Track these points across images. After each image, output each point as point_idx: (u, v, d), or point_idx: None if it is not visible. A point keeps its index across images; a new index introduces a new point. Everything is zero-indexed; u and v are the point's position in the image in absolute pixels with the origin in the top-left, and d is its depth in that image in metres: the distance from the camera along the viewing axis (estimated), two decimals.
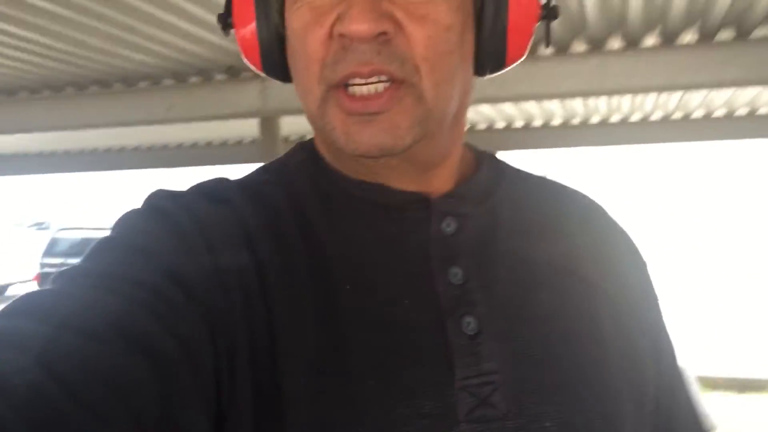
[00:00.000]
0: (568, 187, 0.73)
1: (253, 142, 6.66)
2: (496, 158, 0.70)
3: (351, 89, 0.55)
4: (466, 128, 0.67)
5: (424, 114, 0.56)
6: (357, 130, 0.55)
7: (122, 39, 3.29)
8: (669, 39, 3.31)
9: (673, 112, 5.68)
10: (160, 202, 0.58)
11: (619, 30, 3.25)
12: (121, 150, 7.33)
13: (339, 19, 0.54)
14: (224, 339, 0.51)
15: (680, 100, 5.18)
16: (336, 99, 0.55)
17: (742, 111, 5.62)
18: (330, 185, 0.62)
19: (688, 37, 3.29)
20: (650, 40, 3.34)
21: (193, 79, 4.12)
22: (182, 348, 0.47)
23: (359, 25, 0.52)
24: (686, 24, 3.14)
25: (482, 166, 0.67)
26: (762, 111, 5.57)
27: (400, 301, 0.57)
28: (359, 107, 0.54)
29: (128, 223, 0.56)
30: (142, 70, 3.96)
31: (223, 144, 6.93)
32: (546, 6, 0.62)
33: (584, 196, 0.73)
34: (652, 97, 4.97)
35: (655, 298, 0.70)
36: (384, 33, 0.53)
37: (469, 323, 0.57)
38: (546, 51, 3.51)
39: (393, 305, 0.57)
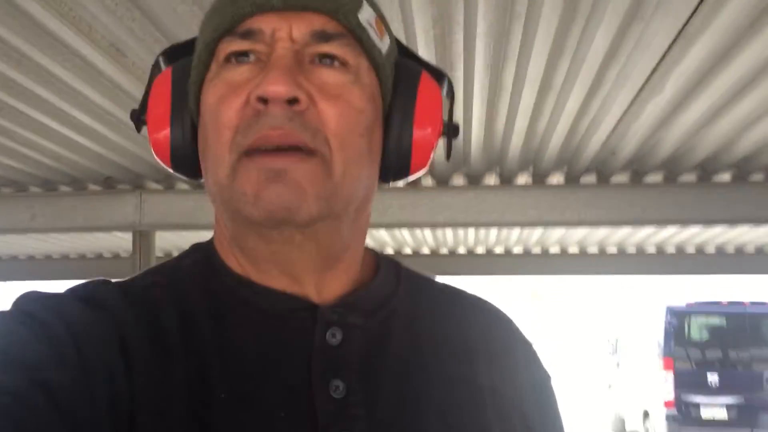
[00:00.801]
0: (469, 295, 0.73)
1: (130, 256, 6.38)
2: (396, 264, 0.70)
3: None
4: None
5: (332, 190, 0.56)
6: (264, 188, 0.54)
7: None
8: (540, 179, 3.58)
9: (533, 247, 6.07)
10: (29, 305, 0.56)
11: (496, 167, 3.48)
12: None
13: (256, 85, 0.56)
14: None
15: (541, 236, 5.55)
16: (246, 162, 0.55)
17: (592, 249, 6.10)
18: (220, 286, 0.61)
19: (556, 178, 3.58)
20: (522, 179, 3.60)
21: (64, 188, 3.93)
22: None
23: (275, 86, 0.54)
24: (555, 167, 3.42)
25: (380, 271, 0.66)
26: (611, 250, 6.07)
27: (276, 413, 0.55)
28: (268, 161, 0.55)
29: None
30: (6, 176, 3.73)
31: (98, 257, 6.56)
32: (448, 124, 0.66)
33: (486, 303, 0.72)
34: (516, 231, 5.30)
35: (556, 416, 0.70)
36: (297, 101, 0.55)
37: None
38: (428, 182, 3.69)
39: (268, 418, 0.55)
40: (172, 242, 6.18)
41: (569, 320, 18.10)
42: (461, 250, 6.21)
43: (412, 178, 0.66)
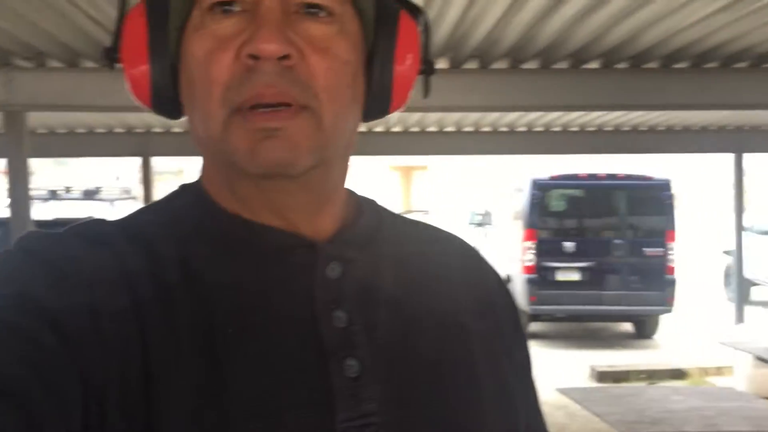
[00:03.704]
0: (444, 231, 0.76)
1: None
2: (375, 203, 0.72)
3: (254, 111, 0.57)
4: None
5: (323, 141, 0.58)
6: (259, 146, 0.56)
7: None
8: None
9: (411, 126, 6.25)
10: (32, 244, 0.58)
11: None
12: None
13: (246, 41, 0.56)
14: (96, 384, 0.51)
15: (421, 117, 5.72)
16: (240, 119, 0.56)
17: (468, 128, 6.37)
18: (216, 226, 0.63)
19: (440, 64, 3.70)
20: None
21: None
22: (52, 396, 0.48)
23: (268, 44, 0.55)
24: (440, 54, 3.53)
25: (363, 211, 0.69)
26: (485, 129, 6.36)
27: (284, 344, 0.58)
28: (263, 120, 0.56)
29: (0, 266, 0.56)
30: None
31: None
32: (425, 61, 0.67)
33: (459, 239, 0.76)
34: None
35: (523, 338, 0.74)
36: (288, 57, 0.56)
37: (352, 365, 0.59)
38: None
39: (276, 348, 0.58)
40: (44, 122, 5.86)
41: (442, 195, 18.87)
42: None
43: (389, 115, 0.67)
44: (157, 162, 7.05)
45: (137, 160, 6.97)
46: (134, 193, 9.16)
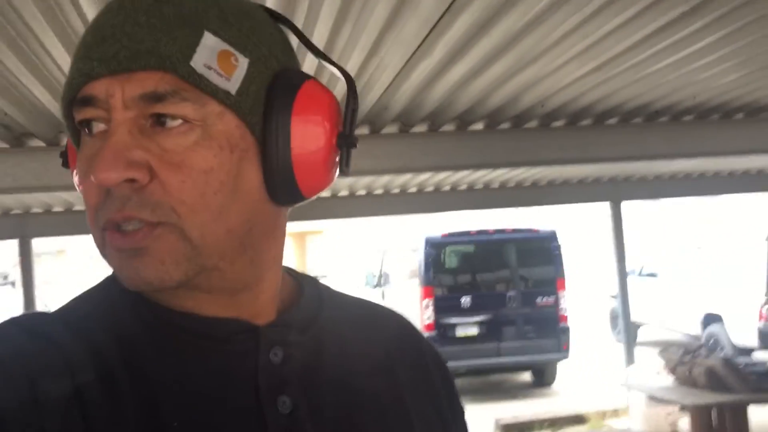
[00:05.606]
0: (381, 307, 0.78)
1: None
2: (316, 282, 0.72)
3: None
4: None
5: (192, 251, 0.56)
6: (125, 265, 0.57)
7: None
8: None
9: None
10: None
11: None
12: None
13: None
14: None
15: None
16: (107, 240, 0.57)
17: (361, 191, 6.44)
18: (155, 318, 0.61)
19: None
20: None
21: None
22: None
23: (102, 174, 0.54)
24: None
25: (304, 291, 0.69)
26: (377, 192, 6.46)
27: None
28: (122, 243, 0.56)
29: None
30: None
31: None
32: (342, 135, 0.62)
33: (397, 315, 0.78)
34: None
35: (461, 410, 0.77)
36: (133, 180, 0.54)
37: None
38: None
39: None
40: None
41: (339, 258, 18.88)
42: None
43: (315, 197, 0.63)
44: (35, 243, 6.68)
45: (14, 243, 6.56)
46: (11, 277, 8.60)
